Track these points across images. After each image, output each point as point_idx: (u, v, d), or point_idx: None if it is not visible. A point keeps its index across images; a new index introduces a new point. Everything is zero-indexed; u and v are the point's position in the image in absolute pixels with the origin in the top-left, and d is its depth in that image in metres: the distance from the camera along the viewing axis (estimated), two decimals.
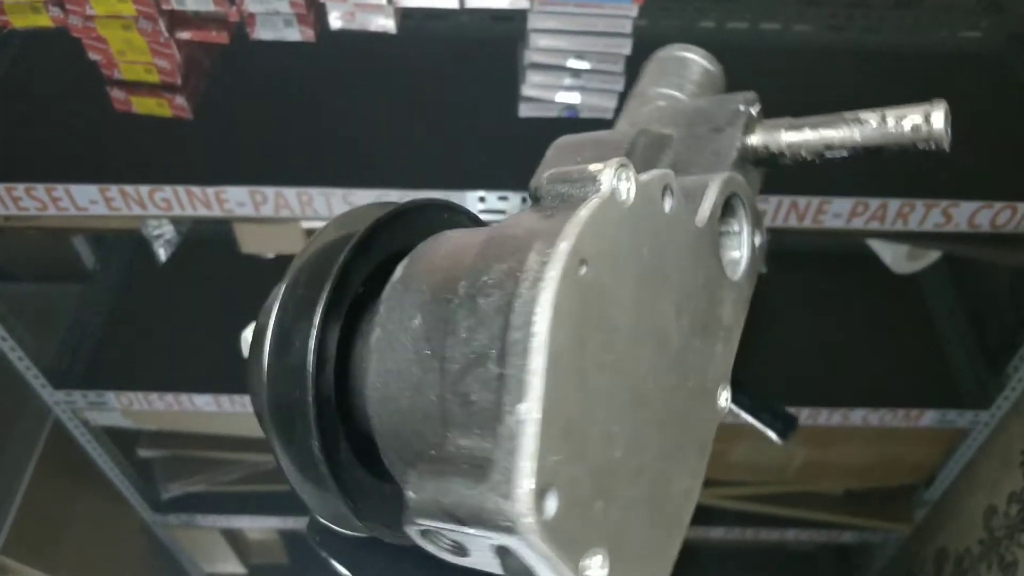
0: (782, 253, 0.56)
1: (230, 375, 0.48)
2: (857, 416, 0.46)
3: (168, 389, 0.48)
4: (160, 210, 0.60)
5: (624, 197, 0.31)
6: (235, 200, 0.61)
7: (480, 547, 0.32)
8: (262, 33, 0.77)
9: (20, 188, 0.61)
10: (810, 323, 0.50)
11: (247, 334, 0.42)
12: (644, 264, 0.32)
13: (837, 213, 0.57)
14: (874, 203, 0.57)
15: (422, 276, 0.36)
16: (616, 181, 0.31)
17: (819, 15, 0.74)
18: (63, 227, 0.61)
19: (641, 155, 0.44)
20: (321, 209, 0.61)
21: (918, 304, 0.52)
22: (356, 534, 0.39)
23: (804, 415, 0.46)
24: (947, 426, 0.46)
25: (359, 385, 0.37)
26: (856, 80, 0.67)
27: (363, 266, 0.37)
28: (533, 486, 0.28)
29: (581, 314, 0.29)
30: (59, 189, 0.62)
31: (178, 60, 0.74)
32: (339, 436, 0.36)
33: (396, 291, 0.36)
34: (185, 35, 0.77)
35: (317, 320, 0.36)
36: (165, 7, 0.80)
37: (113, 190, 0.61)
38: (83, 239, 0.61)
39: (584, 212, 0.30)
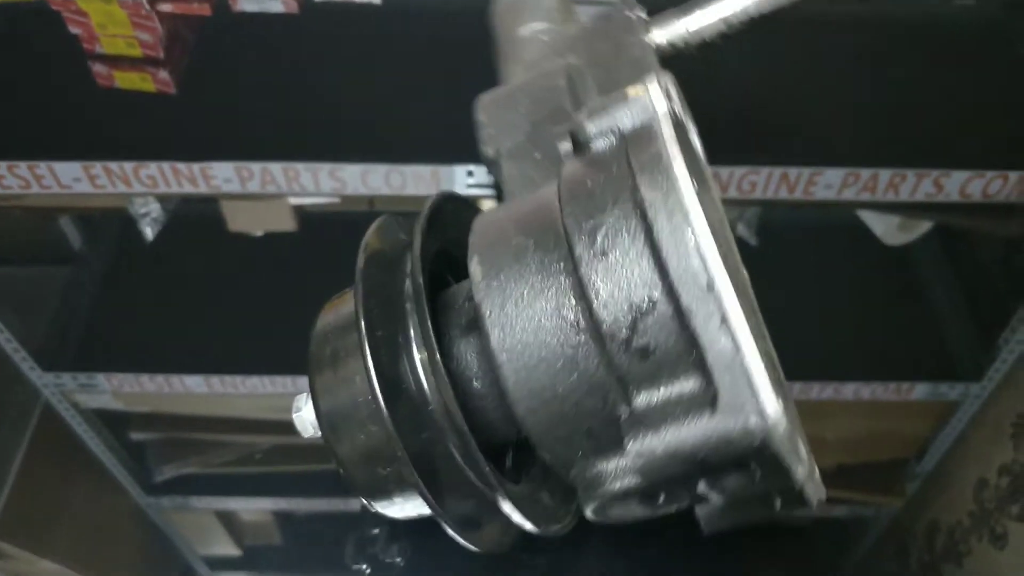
0: (773, 225, 0.55)
1: (220, 355, 0.48)
2: (849, 390, 0.46)
3: (158, 371, 0.47)
4: (145, 187, 0.59)
5: (670, 110, 0.33)
6: (221, 176, 0.60)
7: (681, 489, 0.32)
8: (245, 4, 0.75)
9: (2, 166, 0.60)
10: (801, 296, 0.50)
11: (304, 413, 0.40)
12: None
13: (828, 184, 0.57)
14: (866, 173, 0.56)
15: (512, 259, 0.34)
16: (665, 99, 0.33)
17: None
18: (48, 206, 0.60)
19: (576, 88, 0.44)
20: (308, 184, 0.60)
21: (909, 276, 0.51)
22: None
23: (796, 389, 0.46)
24: (939, 398, 0.46)
25: (485, 398, 0.36)
26: (850, 48, 0.66)
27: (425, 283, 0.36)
28: (774, 392, 0.29)
29: (709, 223, 0.30)
30: (42, 167, 0.60)
31: (160, 33, 0.73)
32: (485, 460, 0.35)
33: (490, 287, 0.34)
34: (167, 7, 0.76)
35: (421, 353, 0.35)
36: None
37: (97, 167, 0.60)
38: (69, 220, 0.60)
39: (667, 130, 0.31)
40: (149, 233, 0.57)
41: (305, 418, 0.39)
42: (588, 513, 0.34)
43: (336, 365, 0.38)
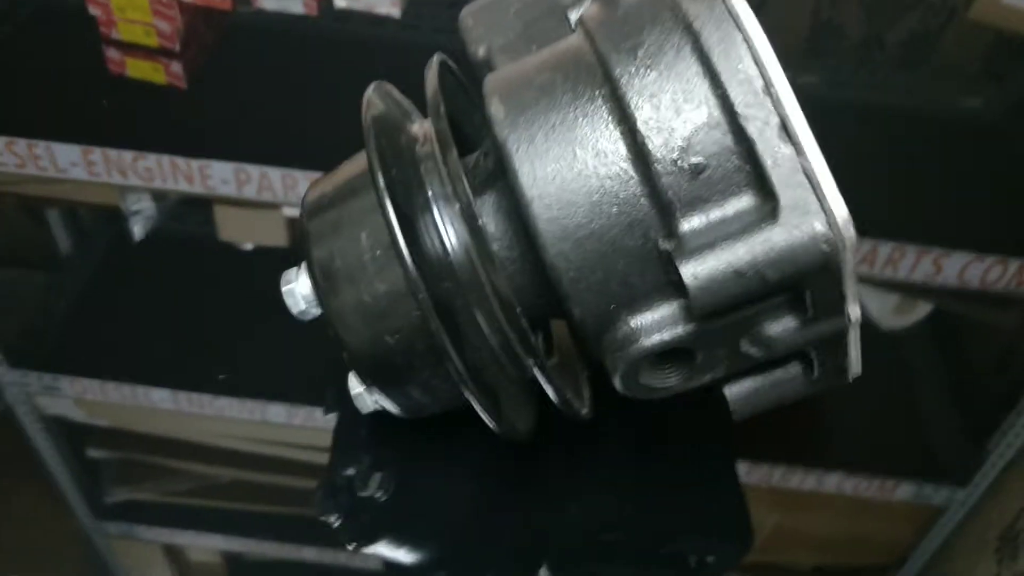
0: None
1: (191, 372, 0.44)
2: (832, 481, 0.42)
3: (125, 380, 0.43)
4: (141, 180, 0.55)
5: None
6: (219, 177, 0.56)
7: (720, 346, 0.29)
8: (266, 2, 0.71)
9: (1, 142, 0.56)
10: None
11: (297, 285, 0.35)
12: None
13: None
14: (865, 245, 0.52)
15: (538, 93, 0.30)
16: None
17: (823, 69, 0.69)
18: (40, 196, 0.56)
19: None
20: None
21: (901, 365, 0.47)
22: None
23: (777, 475, 0.42)
24: (923, 501, 0.42)
25: (506, 262, 0.32)
26: (855, 137, 0.62)
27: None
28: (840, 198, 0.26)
29: None
30: (40, 147, 0.56)
31: (179, 24, 0.68)
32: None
33: (516, 122, 0.30)
34: None
35: (450, 202, 0.31)
36: None
37: (96, 153, 0.56)
38: (59, 220, 0.55)
39: None
40: (138, 232, 0.52)
41: (297, 291, 0.35)
42: (616, 382, 0.30)
43: (339, 216, 0.34)
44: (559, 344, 0.40)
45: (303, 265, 0.35)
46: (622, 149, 0.28)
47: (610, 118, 0.29)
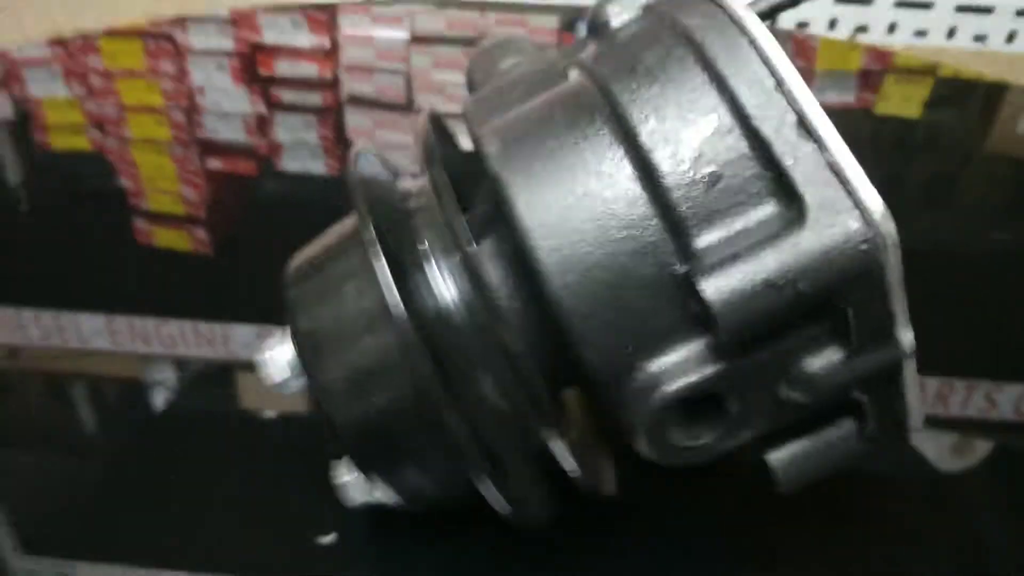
0: None
1: (204, 552, 0.41)
2: None
3: (142, 564, 0.41)
4: (164, 347, 0.55)
5: None
6: (240, 340, 0.55)
7: (757, 390, 0.26)
8: (288, 164, 0.73)
9: (28, 315, 0.56)
10: (842, 533, 0.42)
11: (276, 353, 0.33)
12: None
13: None
14: None
15: (533, 124, 0.28)
16: None
17: None
18: (65, 372, 0.55)
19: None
20: None
21: (964, 509, 0.44)
22: None
23: None
24: None
25: (516, 300, 0.29)
26: None
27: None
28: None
29: None
30: (65, 317, 0.56)
31: (205, 191, 0.70)
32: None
33: (509, 154, 0.27)
34: (215, 164, 0.73)
35: (449, 254, 0.29)
36: (199, 135, 0.77)
37: (119, 322, 0.56)
38: (84, 399, 0.54)
39: None
40: (159, 403, 0.51)
41: (277, 359, 0.32)
42: (641, 443, 0.27)
43: (326, 280, 0.32)
44: (575, 422, 0.36)
45: (284, 332, 0.33)
46: (627, 167, 0.26)
47: (612, 137, 0.27)
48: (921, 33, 1.75)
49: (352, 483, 0.33)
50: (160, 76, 0.83)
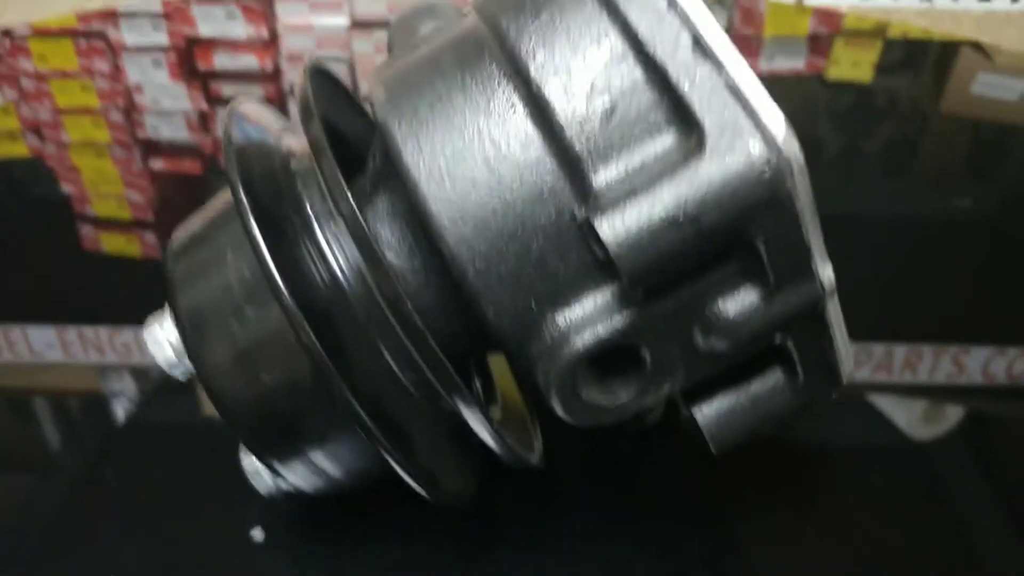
0: None
1: (178, 566, 0.40)
2: None
3: None
4: (119, 356, 0.53)
5: None
6: None
7: (670, 339, 0.24)
8: None
9: None
10: (817, 504, 0.43)
11: (161, 330, 0.31)
12: None
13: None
14: (879, 349, 0.50)
15: (424, 68, 0.26)
16: None
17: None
18: (21, 387, 0.53)
19: None
20: None
21: (936, 476, 0.44)
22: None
23: None
24: None
25: (401, 273, 0.27)
26: (850, 248, 0.61)
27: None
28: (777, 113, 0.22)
29: None
30: (15, 332, 0.54)
31: (151, 194, 0.68)
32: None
33: (397, 99, 0.25)
34: (158, 164, 0.71)
35: (335, 219, 0.27)
36: (140, 135, 0.74)
37: (71, 333, 0.54)
38: (47, 416, 0.52)
39: None
40: (120, 414, 0.50)
41: (161, 336, 0.30)
42: (555, 404, 0.25)
43: (206, 254, 0.29)
44: (505, 396, 0.34)
45: (167, 311, 0.31)
46: (518, 104, 0.24)
47: (501, 73, 0.25)
48: None
49: (263, 470, 0.31)
50: (94, 75, 0.80)
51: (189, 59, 0.82)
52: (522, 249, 0.24)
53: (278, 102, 0.78)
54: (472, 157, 0.24)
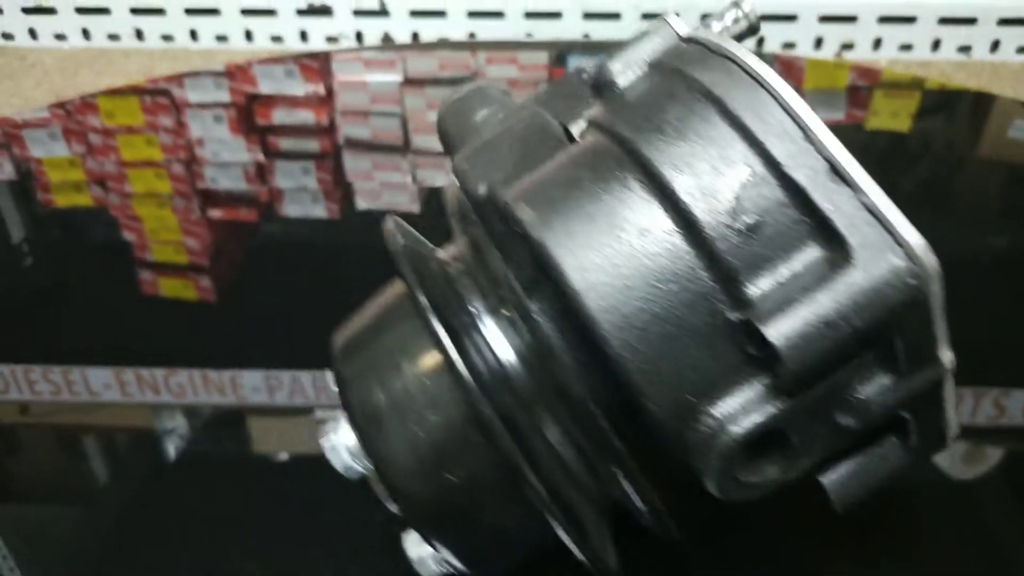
0: None
1: None
2: None
3: None
4: (174, 396, 0.55)
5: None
6: (250, 386, 0.55)
7: (816, 423, 0.27)
8: (289, 209, 0.74)
9: (37, 371, 0.56)
10: (858, 543, 0.42)
11: (338, 437, 0.33)
12: None
13: None
14: None
15: (565, 188, 0.28)
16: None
17: None
18: (75, 424, 0.55)
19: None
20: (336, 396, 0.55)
21: (979, 517, 0.44)
22: None
23: None
24: None
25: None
26: None
27: None
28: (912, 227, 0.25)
29: None
30: (75, 372, 0.57)
31: (207, 241, 0.71)
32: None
33: (549, 219, 0.28)
34: (216, 213, 0.74)
35: (505, 309, 0.29)
36: (199, 185, 0.77)
37: (128, 374, 0.56)
38: (96, 451, 0.55)
39: (709, 36, 0.29)
40: (172, 452, 0.52)
41: (339, 444, 0.32)
42: (712, 486, 0.27)
43: (376, 352, 0.32)
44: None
45: (341, 416, 0.33)
46: (668, 223, 0.27)
47: (649, 196, 0.27)
48: (906, 47, 1.77)
49: (428, 557, 0.33)
50: (158, 130, 0.84)
51: (248, 115, 0.86)
52: (680, 350, 0.27)
53: (333, 154, 0.81)
54: (629, 271, 0.27)
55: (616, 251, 0.27)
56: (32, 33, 1.89)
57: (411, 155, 0.80)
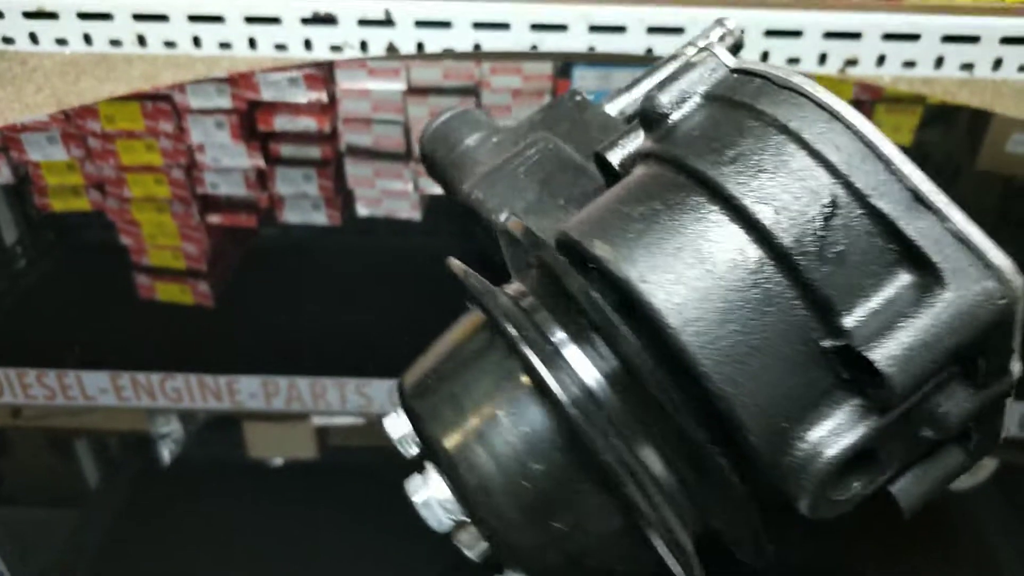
0: None
1: None
2: None
3: None
4: (170, 401, 0.55)
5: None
6: (247, 391, 0.55)
7: (900, 440, 0.28)
8: (289, 216, 0.74)
9: (32, 374, 0.56)
10: (852, 551, 0.42)
11: (427, 483, 0.31)
12: None
13: None
14: None
15: (643, 223, 0.29)
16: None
17: None
18: (68, 427, 0.55)
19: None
20: (334, 402, 0.55)
21: (972, 526, 0.43)
22: None
23: None
24: None
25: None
26: None
27: None
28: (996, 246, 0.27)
29: None
30: (70, 376, 0.56)
31: (206, 246, 0.71)
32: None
33: (631, 253, 0.28)
34: (215, 219, 0.74)
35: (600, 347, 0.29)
36: (199, 191, 0.77)
37: (124, 378, 0.56)
38: (88, 454, 0.54)
39: (765, 67, 0.30)
40: (167, 456, 0.51)
41: (433, 500, 0.31)
42: (805, 507, 0.28)
43: (461, 393, 0.31)
44: None
45: (429, 468, 0.31)
46: (756, 253, 0.27)
47: (735, 228, 0.28)
48: (910, 64, 1.78)
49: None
50: (159, 136, 0.84)
51: (250, 121, 0.86)
52: (776, 380, 0.27)
53: (334, 162, 0.81)
54: (723, 305, 0.27)
55: (708, 285, 0.27)
56: (33, 38, 1.90)
57: (413, 163, 0.80)
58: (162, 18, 1.86)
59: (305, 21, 1.86)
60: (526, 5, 1.81)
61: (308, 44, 1.88)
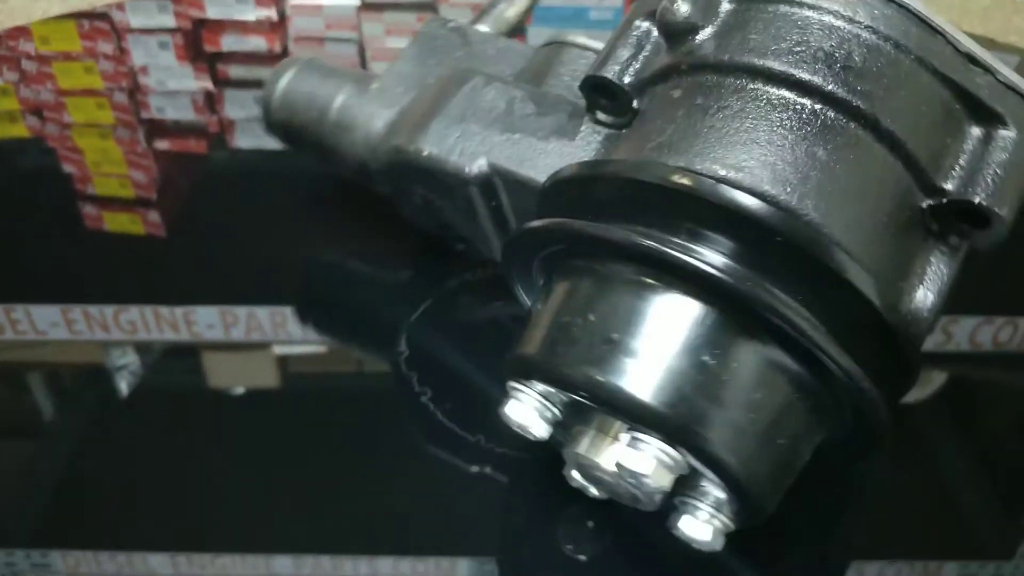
0: None
1: (189, 532, 0.42)
2: (872, 571, 0.40)
3: (120, 548, 0.41)
4: (125, 333, 0.54)
5: None
6: (204, 322, 0.55)
7: None
8: (241, 141, 0.73)
9: None
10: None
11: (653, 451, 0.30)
12: None
13: None
14: None
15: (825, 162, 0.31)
16: None
17: None
18: (20, 361, 0.55)
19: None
20: (295, 331, 0.55)
21: (921, 441, 0.46)
22: None
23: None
24: None
25: None
26: None
27: None
28: None
29: None
30: (19, 310, 0.56)
31: (154, 173, 0.69)
32: None
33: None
34: (163, 145, 0.73)
35: None
36: (144, 115, 0.76)
37: (76, 311, 0.55)
38: (41, 386, 0.54)
39: None
40: (124, 388, 0.51)
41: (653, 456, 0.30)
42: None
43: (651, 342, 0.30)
44: None
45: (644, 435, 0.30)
46: (869, 137, 0.31)
47: (867, 136, 0.31)
48: None
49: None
50: (98, 57, 0.81)
51: (196, 41, 0.84)
52: (888, 243, 0.31)
53: None
54: (845, 183, 0.31)
55: (836, 173, 0.30)
56: None
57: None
58: None
59: None
60: None
61: None
